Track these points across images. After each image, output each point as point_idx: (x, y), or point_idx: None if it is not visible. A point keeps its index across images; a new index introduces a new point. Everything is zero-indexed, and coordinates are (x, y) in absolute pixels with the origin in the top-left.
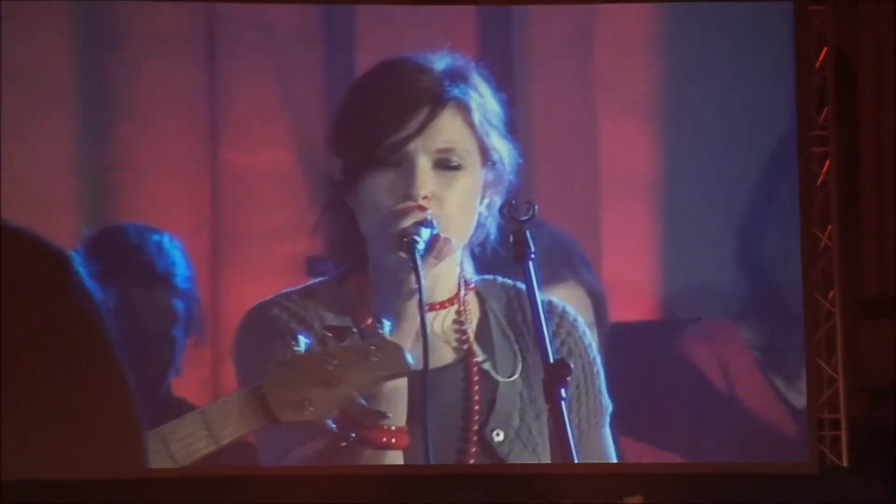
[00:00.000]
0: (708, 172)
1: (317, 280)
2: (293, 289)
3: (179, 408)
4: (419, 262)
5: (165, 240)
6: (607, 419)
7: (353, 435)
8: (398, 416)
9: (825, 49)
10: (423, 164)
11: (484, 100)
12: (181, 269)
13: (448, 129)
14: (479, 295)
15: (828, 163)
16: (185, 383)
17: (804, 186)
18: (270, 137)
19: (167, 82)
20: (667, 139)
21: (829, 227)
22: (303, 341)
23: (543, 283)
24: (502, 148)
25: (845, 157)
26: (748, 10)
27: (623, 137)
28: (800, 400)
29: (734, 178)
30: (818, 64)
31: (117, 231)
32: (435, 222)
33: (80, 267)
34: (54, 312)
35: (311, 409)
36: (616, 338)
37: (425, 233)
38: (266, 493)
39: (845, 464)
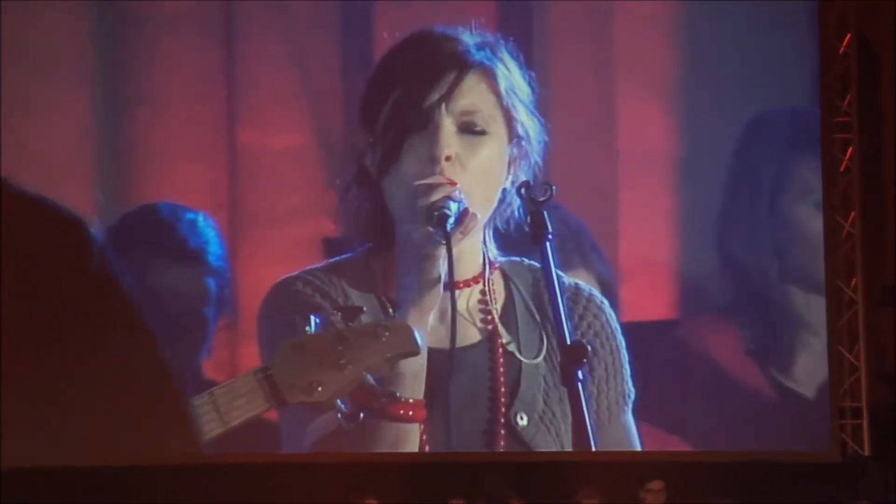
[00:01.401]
0: (728, 154)
1: (343, 256)
2: (318, 265)
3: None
4: (449, 236)
5: (200, 218)
6: (630, 406)
7: (363, 415)
8: (416, 389)
9: (849, 35)
10: (448, 125)
11: (511, 73)
12: (214, 247)
13: (473, 93)
14: (504, 275)
15: (850, 149)
16: (216, 365)
17: (827, 173)
18: (287, 119)
19: (185, 65)
20: (686, 121)
21: (852, 213)
22: (313, 322)
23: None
24: (529, 123)
25: (868, 144)
26: None
27: (643, 119)
28: (798, 385)
29: (754, 161)
30: (842, 50)
31: (151, 209)
32: (462, 196)
33: (102, 242)
34: (83, 287)
35: (321, 389)
36: (632, 334)
37: (454, 206)
38: (289, 478)
39: (867, 452)
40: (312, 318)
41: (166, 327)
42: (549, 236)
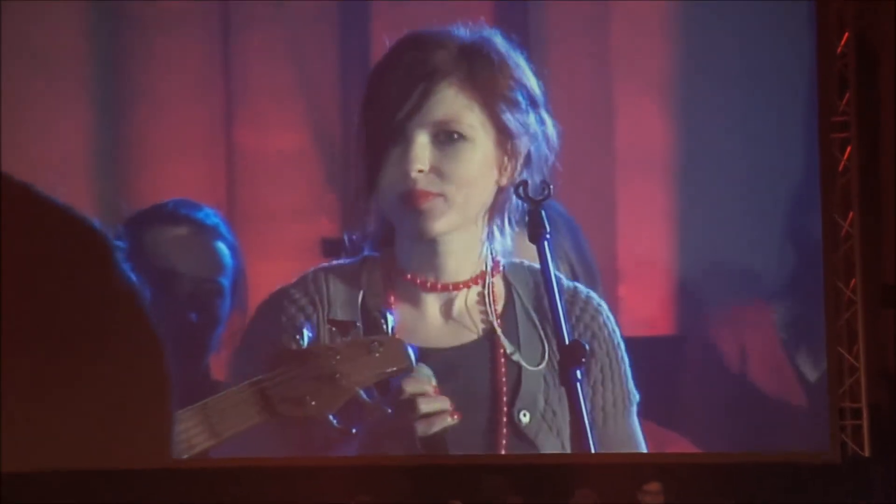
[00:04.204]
0: (725, 152)
1: (343, 261)
2: (317, 268)
3: (216, 389)
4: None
5: (210, 212)
6: (634, 408)
7: (355, 430)
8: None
9: (846, 34)
10: (421, 138)
11: (502, 72)
12: (227, 238)
13: (448, 101)
14: (506, 279)
15: (849, 148)
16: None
17: (825, 172)
18: (285, 117)
19: (182, 62)
20: (684, 119)
21: (851, 213)
22: (306, 335)
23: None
24: (522, 120)
25: (867, 143)
26: None
27: (640, 117)
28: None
29: (751, 159)
30: (840, 49)
31: (163, 206)
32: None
33: (117, 245)
34: (94, 291)
35: (313, 403)
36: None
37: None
38: (286, 480)
39: (867, 453)
40: (305, 331)
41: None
42: (547, 235)
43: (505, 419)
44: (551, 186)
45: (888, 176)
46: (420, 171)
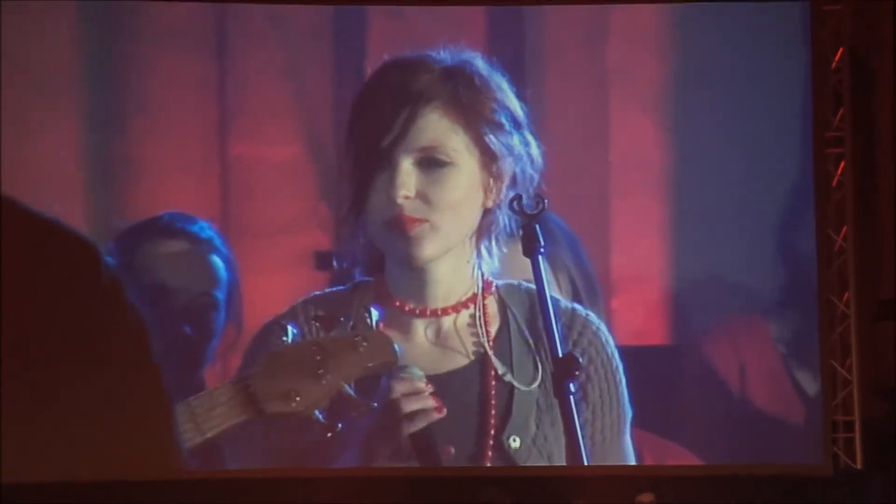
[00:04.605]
0: (719, 165)
1: (332, 289)
2: (307, 298)
3: None
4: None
5: (206, 226)
6: (628, 427)
7: (341, 426)
8: None
9: (841, 49)
10: (406, 164)
11: (485, 94)
12: (223, 253)
13: (431, 127)
14: (501, 299)
15: (843, 164)
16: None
17: (819, 187)
18: (280, 131)
19: (177, 76)
20: (678, 134)
21: (845, 228)
22: (290, 332)
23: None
24: (506, 142)
25: (861, 158)
26: (763, 9)
27: (635, 132)
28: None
29: (747, 174)
30: (834, 64)
31: (158, 219)
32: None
33: (110, 260)
34: (92, 310)
35: (299, 399)
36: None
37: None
38: (278, 492)
39: (859, 466)
40: (290, 328)
41: (173, 339)
42: (542, 250)
43: (491, 443)
44: (546, 201)
45: (882, 191)
46: (406, 198)
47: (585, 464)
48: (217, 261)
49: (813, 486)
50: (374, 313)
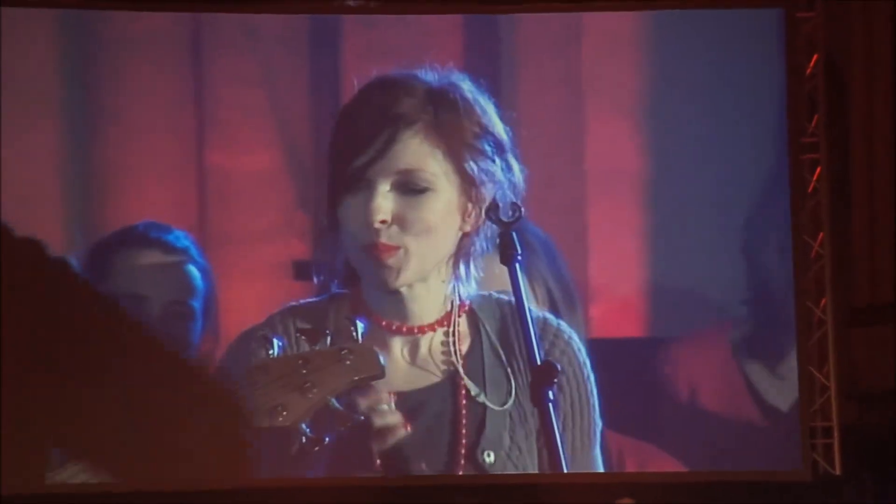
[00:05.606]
0: (695, 172)
1: (309, 300)
2: (284, 309)
3: None
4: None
5: (182, 236)
6: (598, 438)
7: (328, 439)
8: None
9: (815, 56)
10: (383, 188)
11: (469, 118)
12: (199, 263)
13: (410, 151)
14: (473, 315)
15: (819, 170)
16: None
17: (795, 193)
18: (256, 140)
19: (153, 86)
20: (654, 139)
21: (821, 234)
22: (276, 345)
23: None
24: (487, 168)
25: (837, 164)
26: (737, 15)
27: (610, 138)
28: (779, 399)
29: (722, 179)
30: (809, 71)
31: (132, 229)
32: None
33: (82, 272)
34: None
35: (285, 413)
36: (607, 350)
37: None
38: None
39: (838, 471)
40: (275, 340)
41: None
42: (518, 257)
43: (463, 461)
44: (522, 209)
45: (857, 197)
46: (383, 223)
47: (565, 471)
48: (193, 270)
49: (792, 492)
50: (360, 326)
